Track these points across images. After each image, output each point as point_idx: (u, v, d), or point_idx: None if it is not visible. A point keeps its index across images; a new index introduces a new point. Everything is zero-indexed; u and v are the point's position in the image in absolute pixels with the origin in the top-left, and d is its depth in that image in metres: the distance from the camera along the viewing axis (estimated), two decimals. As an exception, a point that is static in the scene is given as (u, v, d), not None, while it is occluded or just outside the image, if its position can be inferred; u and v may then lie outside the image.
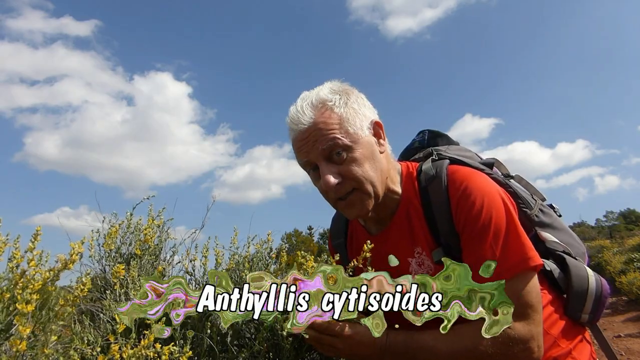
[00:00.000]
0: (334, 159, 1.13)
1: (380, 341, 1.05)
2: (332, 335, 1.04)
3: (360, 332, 1.04)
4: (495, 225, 1.07)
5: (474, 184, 1.12)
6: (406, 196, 1.23)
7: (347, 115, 1.14)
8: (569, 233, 1.34)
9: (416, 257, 1.19)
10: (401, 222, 1.23)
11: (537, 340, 1.03)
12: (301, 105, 1.16)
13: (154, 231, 1.63)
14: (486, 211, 1.08)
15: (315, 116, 1.13)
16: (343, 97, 1.17)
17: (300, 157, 1.17)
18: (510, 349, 1.01)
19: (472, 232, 1.09)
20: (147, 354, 0.95)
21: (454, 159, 1.27)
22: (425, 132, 1.47)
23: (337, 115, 1.13)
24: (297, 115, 1.15)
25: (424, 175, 1.21)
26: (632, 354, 5.50)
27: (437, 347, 1.03)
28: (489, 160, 1.38)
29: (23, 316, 0.85)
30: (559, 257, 1.25)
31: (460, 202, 1.11)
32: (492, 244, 1.05)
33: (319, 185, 1.17)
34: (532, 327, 1.02)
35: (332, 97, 1.16)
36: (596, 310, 1.21)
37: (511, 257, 1.04)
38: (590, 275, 1.23)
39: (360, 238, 1.34)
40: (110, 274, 1.49)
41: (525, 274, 1.05)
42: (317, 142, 1.12)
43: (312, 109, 1.14)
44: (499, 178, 1.28)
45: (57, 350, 1.00)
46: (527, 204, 1.27)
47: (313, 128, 1.12)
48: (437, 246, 1.15)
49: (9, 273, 0.96)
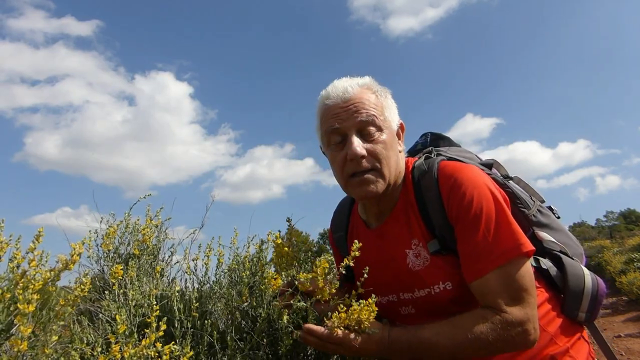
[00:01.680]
0: (365, 135, 1.20)
1: (382, 344, 1.09)
2: (335, 343, 1.09)
3: (363, 340, 1.09)
4: (487, 214, 1.10)
5: (463, 176, 1.16)
6: (404, 191, 1.28)
7: (386, 105, 1.26)
8: (566, 234, 1.36)
9: (413, 248, 1.22)
10: (398, 216, 1.27)
11: (532, 322, 1.06)
12: (348, 81, 1.26)
13: (152, 231, 1.64)
14: (477, 201, 1.11)
15: (362, 92, 1.23)
16: (384, 91, 1.28)
17: (333, 123, 1.22)
18: (508, 332, 1.03)
19: (465, 222, 1.12)
20: (148, 353, 0.96)
21: (450, 158, 1.31)
22: (428, 135, 1.52)
23: (379, 101, 1.24)
24: (343, 85, 1.24)
25: (417, 170, 1.27)
26: (632, 354, 5.50)
27: (439, 342, 1.06)
28: (488, 161, 1.41)
29: (24, 316, 0.85)
30: (556, 257, 1.27)
31: (451, 194, 1.15)
32: (485, 232, 1.09)
33: (341, 156, 1.21)
34: (527, 309, 1.06)
35: (376, 87, 1.27)
36: (593, 309, 1.23)
37: (504, 244, 1.08)
38: (587, 274, 1.25)
39: (360, 232, 1.38)
40: (108, 275, 1.49)
41: (518, 259, 1.08)
42: (356, 113, 1.19)
43: (359, 87, 1.24)
44: (498, 179, 1.30)
45: (57, 350, 1.01)
46: (524, 204, 1.29)
47: (357, 100, 1.21)
48: (433, 238, 1.19)
49: (10, 273, 0.96)
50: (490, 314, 1.05)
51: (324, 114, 1.25)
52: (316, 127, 1.32)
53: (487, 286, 1.07)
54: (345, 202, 1.51)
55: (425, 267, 1.19)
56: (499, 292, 1.06)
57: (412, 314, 1.25)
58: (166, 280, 1.56)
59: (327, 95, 1.25)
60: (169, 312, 1.20)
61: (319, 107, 1.29)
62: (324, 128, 1.25)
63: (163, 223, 1.70)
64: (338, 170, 1.24)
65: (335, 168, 1.26)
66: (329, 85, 1.28)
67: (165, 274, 1.59)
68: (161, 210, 1.69)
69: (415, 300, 1.22)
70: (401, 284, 1.24)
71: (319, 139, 1.33)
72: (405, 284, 1.23)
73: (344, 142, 1.21)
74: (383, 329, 1.12)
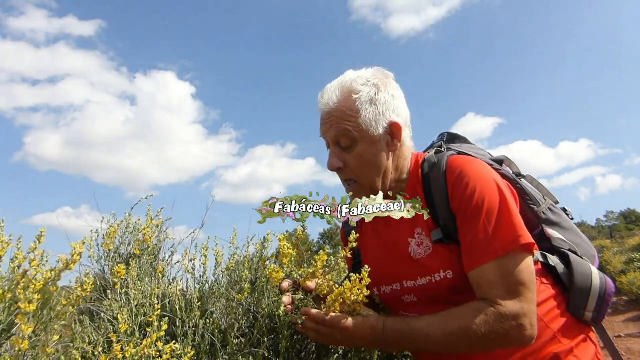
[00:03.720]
0: (343, 147, 1.24)
1: (377, 330, 1.10)
2: (329, 326, 1.08)
3: (357, 323, 1.09)
4: (489, 206, 1.10)
5: (469, 168, 1.17)
6: (411, 182, 1.29)
7: (366, 112, 1.22)
8: (577, 234, 1.35)
9: (416, 237, 1.23)
10: None
11: (529, 318, 1.04)
12: (335, 85, 1.26)
13: (152, 231, 1.64)
14: (479, 193, 1.12)
15: (339, 102, 1.23)
16: (372, 90, 1.24)
17: (321, 133, 1.29)
18: (502, 325, 1.02)
19: (466, 213, 1.13)
20: (150, 352, 0.96)
21: (461, 152, 1.32)
22: (445, 135, 1.53)
23: (356, 108, 1.22)
24: (329, 94, 1.25)
25: (427, 163, 1.28)
26: (633, 354, 5.50)
27: (432, 332, 1.06)
28: (499, 157, 1.41)
29: (25, 316, 0.85)
30: (564, 255, 1.26)
31: (456, 185, 1.16)
32: (485, 223, 1.09)
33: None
34: (523, 304, 1.04)
35: (360, 89, 1.23)
36: (600, 308, 1.21)
37: (504, 236, 1.08)
38: (595, 273, 1.23)
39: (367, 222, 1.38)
40: (109, 274, 1.49)
41: (517, 252, 1.07)
42: (332, 127, 1.23)
43: (340, 94, 1.24)
44: (509, 175, 1.30)
45: (59, 349, 1.01)
46: (534, 201, 1.29)
47: (334, 112, 1.23)
48: (436, 227, 1.19)
49: (11, 273, 0.96)
50: (485, 306, 1.04)
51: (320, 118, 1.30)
52: None
53: (484, 277, 1.07)
54: None
55: (428, 256, 1.19)
56: (495, 284, 1.05)
57: (415, 302, 1.25)
58: (167, 280, 1.56)
59: (319, 101, 1.29)
60: (171, 312, 1.20)
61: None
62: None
63: (164, 223, 1.70)
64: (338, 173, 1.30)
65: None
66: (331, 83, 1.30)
67: (165, 274, 1.59)
68: (162, 210, 1.70)
69: (418, 289, 1.22)
70: (404, 272, 1.24)
71: None
72: (407, 272, 1.23)
73: None
74: (378, 317, 1.13)
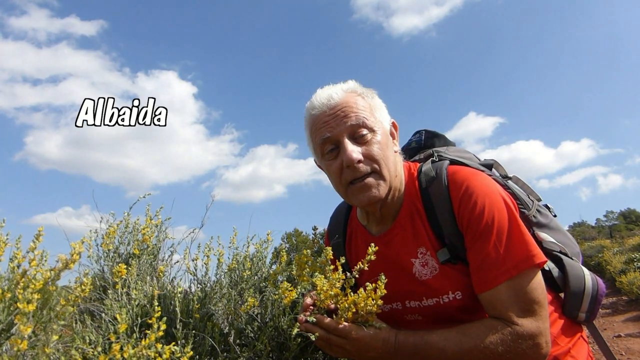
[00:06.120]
0: (358, 139, 1.16)
1: (388, 343, 1.06)
2: (340, 336, 1.05)
3: (368, 334, 1.05)
4: (499, 224, 1.07)
5: (475, 184, 1.13)
6: (408, 197, 1.23)
7: (375, 105, 1.23)
8: (564, 233, 1.35)
9: (419, 257, 1.19)
10: (404, 223, 1.23)
11: (544, 336, 1.03)
12: (331, 88, 1.22)
13: (152, 231, 1.63)
14: (489, 211, 1.08)
15: (347, 96, 1.20)
16: (370, 92, 1.25)
17: (324, 132, 1.17)
18: (519, 345, 1.01)
19: (476, 232, 1.09)
20: (148, 353, 0.95)
21: (453, 160, 1.28)
22: (422, 132, 1.48)
23: (366, 102, 1.21)
24: (327, 93, 1.20)
25: (424, 176, 1.22)
26: (632, 354, 5.49)
27: (446, 347, 1.03)
28: (487, 161, 1.39)
29: (24, 315, 0.85)
30: (556, 257, 1.27)
31: (462, 202, 1.11)
32: (496, 243, 1.06)
33: (336, 165, 1.17)
34: (539, 322, 1.03)
35: (361, 89, 1.24)
36: (593, 308, 1.22)
37: (515, 255, 1.05)
38: (587, 274, 1.25)
39: (362, 239, 1.34)
40: (109, 274, 1.49)
41: (530, 271, 1.05)
42: (345, 117, 1.16)
43: (344, 92, 1.21)
44: (498, 179, 1.29)
45: (58, 349, 1.01)
46: (525, 205, 1.28)
47: (344, 104, 1.17)
48: (442, 246, 1.15)
49: (10, 273, 0.96)
50: (501, 325, 1.03)
51: (313, 125, 1.21)
52: (307, 141, 1.27)
53: (498, 298, 1.04)
54: (342, 207, 1.47)
55: (434, 277, 1.16)
56: (509, 304, 1.03)
57: (419, 320, 1.23)
58: (166, 280, 1.56)
59: (312, 105, 1.21)
60: (172, 313, 1.20)
61: (306, 119, 1.24)
62: (316, 139, 1.20)
63: (163, 223, 1.70)
64: (336, 179, 1.20)
65: (332, 178, 1.21)
66: (313, 95, 1.23)
67: (165, 274, 1.58)
68: (161, 209, 1.69)
69: (423, 309, 1.20)
70: (408, 292, 1.21)
71: (312, 153, 1.27)
72: (412, 292, 1.20)
73: (337, 150, 1.16)
74: (390, 329, 1.09)
